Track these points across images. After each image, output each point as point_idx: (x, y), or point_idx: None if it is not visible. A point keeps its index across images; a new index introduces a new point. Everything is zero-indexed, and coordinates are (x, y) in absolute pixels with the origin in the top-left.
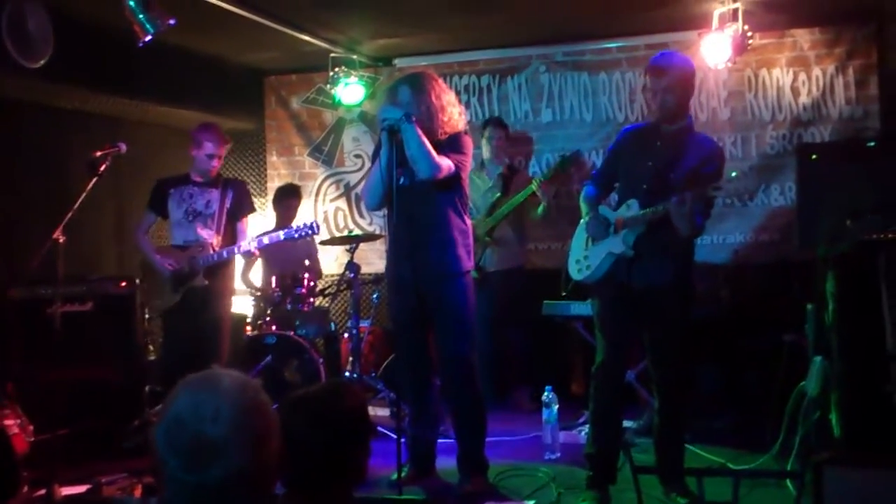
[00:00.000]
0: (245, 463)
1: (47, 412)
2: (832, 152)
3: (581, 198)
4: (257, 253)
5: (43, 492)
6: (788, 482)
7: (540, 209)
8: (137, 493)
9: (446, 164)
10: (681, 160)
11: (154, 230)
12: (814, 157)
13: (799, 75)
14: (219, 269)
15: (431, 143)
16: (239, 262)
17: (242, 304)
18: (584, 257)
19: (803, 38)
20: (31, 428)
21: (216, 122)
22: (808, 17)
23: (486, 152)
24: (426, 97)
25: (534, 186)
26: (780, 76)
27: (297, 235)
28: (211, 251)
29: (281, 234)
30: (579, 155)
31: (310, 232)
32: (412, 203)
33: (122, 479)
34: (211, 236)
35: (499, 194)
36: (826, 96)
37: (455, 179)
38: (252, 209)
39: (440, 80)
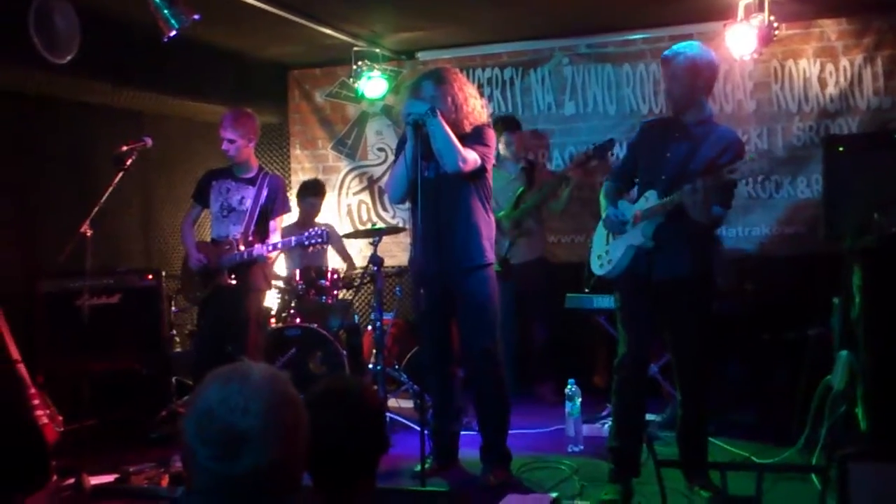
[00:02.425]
0: (274, 454)
1: (75, 403)
2: (859, 144)
3: (601, 193)
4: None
5: (72, 481)
6: (813, 477)
7: (564, 195)
8: (164, 482)
9: (472, 157)
10: (699, 151)
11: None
12: (841, 149)
13: (826, 66)
14: (246, 267)
15: (456, 135)
16: None
17: (267, 297)
18: (605, 252)
19: (830, 28)
20: (61, 418)
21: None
22: (836, 6)
23: (503, 152)
24: (450, 90)
25: (566, 183)
26: (806, 67)
27: (306, 243)
28: (235, 251)
29: (292, 241)
30: (612, 143)
31: (320, 241)
32: (437, 196)
33: (150, 469)
34: (239, 234)
35: (522, 188)
36: (854, 87)
37: (480, 172)
38: (286, 209)
39: (461, 74)
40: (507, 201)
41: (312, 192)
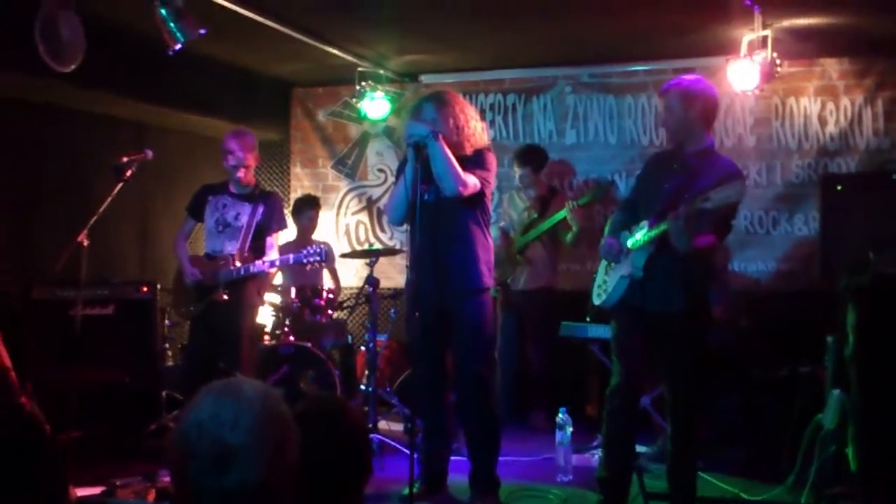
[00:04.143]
0: (262, 471)
1: (64, 413)
2: (857, 183)
3: (606, 224)
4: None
5: None
6: None
7: (570, 236)
8: (151, 496)
9: (472, 181)
10: (696, 181)
11: (194, 235)
12: (839, 187)
13: (827, 105)
14: (241, 283)
15: (457, 158)
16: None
17: (261, 314)
18: (603, 282)
19: (832, 67)
20: (49, 428)
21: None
22: (838, 46)
23: (517, 181)
24: (451, 112)
25: (566, 212)
26: (807, 105)
27: (304, 261)
28: (231, 267)
29: (290, 258)
30: (612, 184)
31: (318, 259)
32: (436, 219)
33: (137, 483)
34: (235, 250)
35: (535, 215)
36: (854, 127)
37: (479, 197)
38: (282, 225)
39: (461, 97)
40: (520, 227)
41: (308, 205)
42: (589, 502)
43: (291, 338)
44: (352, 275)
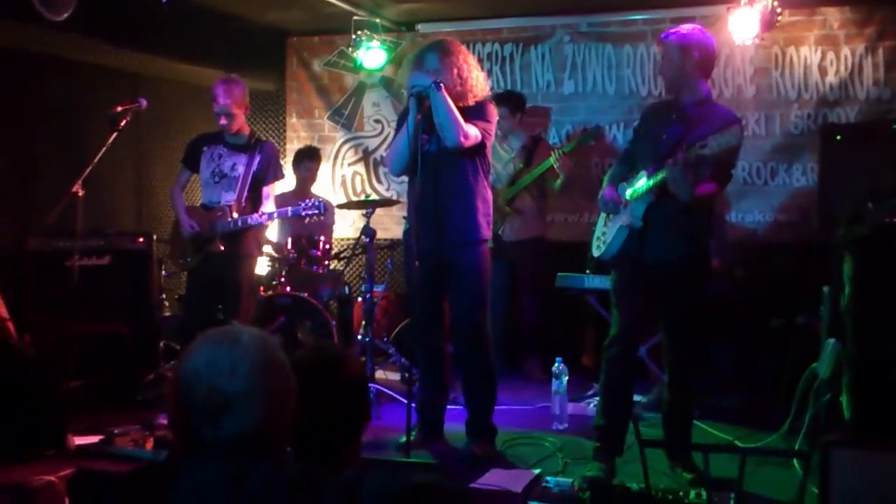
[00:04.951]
0: (260, 419)
1: (62, 363)
2: (857, 134)
3: (606, 175)
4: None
5: None
6: (795, 462)
7: (557, 182)
8: (149, 445)
9: (473, 132)
10: (694, 132)
11: (190, 186)
12: (838, 137)
13: (827, 54)
14: (238, 234)
15: (459, 108)
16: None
17: (258, 264)
18: (602, 233)
19: (833, 16)
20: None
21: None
22: None
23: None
24: (455, 62)
25: (552, 160)
26: (807, 54)
27: (303, 214)
28: (228, 218)
29: (288, 211)
30: (599, 129)
31: (316, 212)
32: (437, 170)
33: (135, 432)
34: (232, 201)
35: (521, 165)
36: (854, 76)
37: (480, 147)
38: (279, 175)
39: (464, 46)
40: (506, 177)
41: (309, 156)
42: (585, 450)
43: (288, 288)
44: (348, 226)
